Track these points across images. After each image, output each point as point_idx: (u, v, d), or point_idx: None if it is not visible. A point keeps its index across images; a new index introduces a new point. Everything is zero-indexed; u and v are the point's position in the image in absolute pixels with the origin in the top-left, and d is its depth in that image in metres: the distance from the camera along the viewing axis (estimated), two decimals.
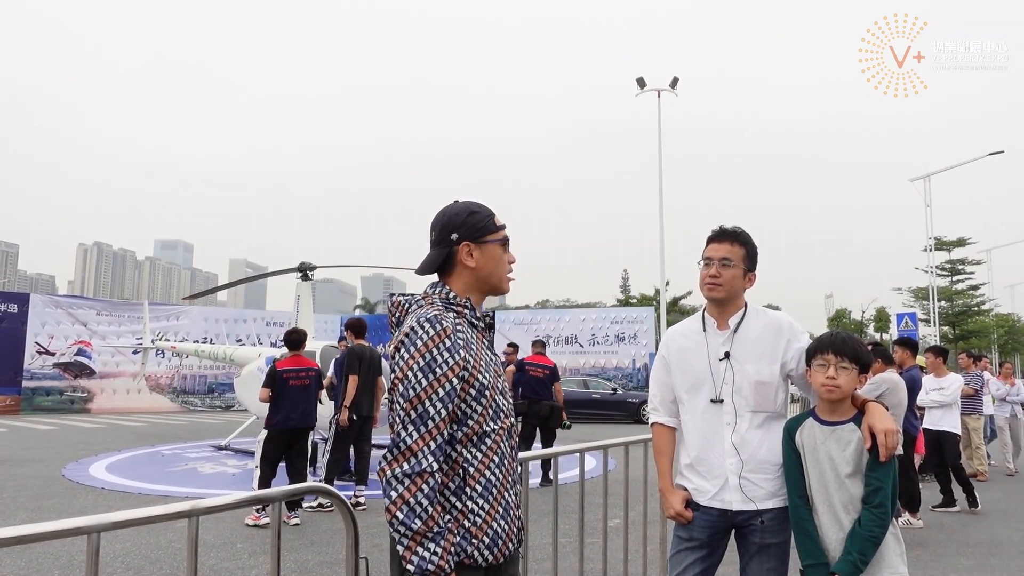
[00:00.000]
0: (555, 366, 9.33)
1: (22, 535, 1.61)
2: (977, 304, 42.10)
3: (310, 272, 12.16)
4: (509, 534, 1.75)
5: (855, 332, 45.14)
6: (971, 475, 8.89)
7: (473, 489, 1.69)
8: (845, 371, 2.26)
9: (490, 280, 1.84)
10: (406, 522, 1.57)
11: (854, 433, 2.24)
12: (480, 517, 1.69)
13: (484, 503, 1.70)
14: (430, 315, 1.69)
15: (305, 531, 6.19)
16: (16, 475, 9.06)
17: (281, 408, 6.66)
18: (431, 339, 1.65)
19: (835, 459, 2.24)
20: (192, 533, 1.96)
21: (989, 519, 6.98)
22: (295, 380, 6.75)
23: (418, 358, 1.64)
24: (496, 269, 1.84)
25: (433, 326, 1.67)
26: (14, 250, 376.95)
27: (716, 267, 2.44)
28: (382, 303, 72.48)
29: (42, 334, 21.91)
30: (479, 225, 1.81)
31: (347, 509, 2.30)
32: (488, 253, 1.82)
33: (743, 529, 2.38)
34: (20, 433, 15.18)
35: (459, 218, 1.82)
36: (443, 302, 1.78)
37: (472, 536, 1.67)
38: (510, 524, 1.75)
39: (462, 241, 1.80)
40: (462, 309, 1.79)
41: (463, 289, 1.83)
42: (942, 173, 27.62)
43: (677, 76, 24.69)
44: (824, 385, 2.28)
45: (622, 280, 62.18)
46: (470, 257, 1.81)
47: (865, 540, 2.16)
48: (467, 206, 1.85)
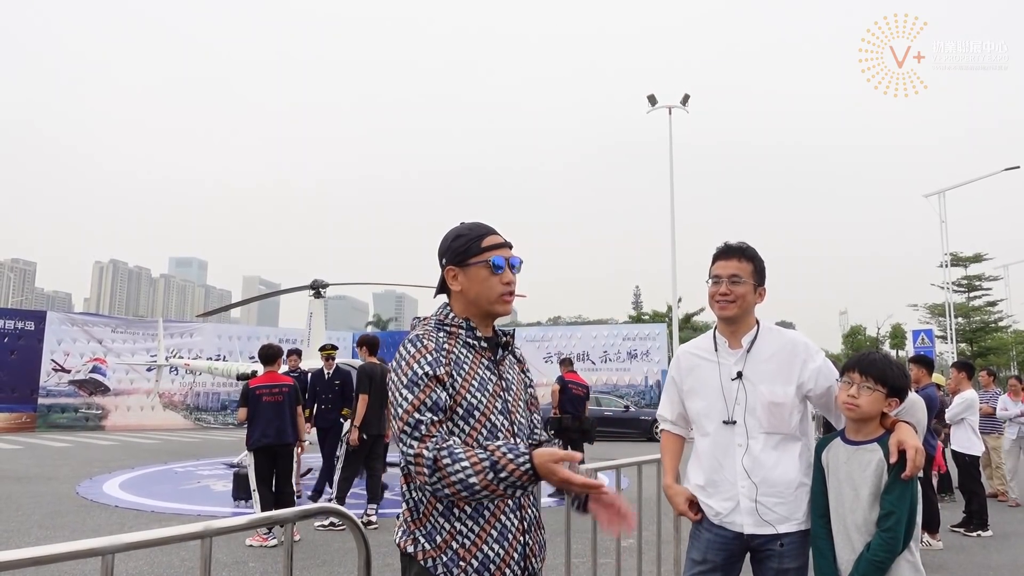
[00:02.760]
0: (587, 384, 10.21)
1: (38, 556, 1.61)
2: (995, 321, 41.62)
3: (323, 289, 12.25)
4: (506, 560, 1.70)
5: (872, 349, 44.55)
6: (991, 495, 8.72)
7: (462, 511, 1.69)
8: (868, 391, 2.25)
9: (479, 303, 1.83)
10: (475, 490, 1.55)
11: (876, 453, 2.23)
12: (469, 539, 1.68)
13: (474, 524, 1.69)
14: (412, 336, 1.77)
15: (317, 550, 6.17)
16: (31, 492, 9.12)
17: (257, 425, 6.60)
18: (411, 356, 1.71)
19: (855, 479, 2.23)
20: (205, 553, 1.97)
21: (1011, 541, 6.83)
22: (268, 396, 6.69)
23: (401, 376, 1.70)
24: (483, 291, 1.82)
25: (414, 344, 1.73)
26: (32, 268, 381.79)
27: (725, 285, 2.42)
28: (394, 320, 72.72)
29: (58, 351, 22.14)
30: (461, 249, 1.84)
31: (358, 528, 2.29)
32: (472, 276, 1.82)
33: (760, 553, 2.35)
34: (35, 450, 15.29)
35: (446, 243, 1.87)
36: (437, 324, 1.82)
37: (459, 559, 1.67)
38: (507, 549, 1.71)
39: (448, 265, 1.85)
40: (456, 329, 1.81)
41: (461, 310, 1.85)
42: (957, 188, 27.47)
43: (688, 93, 24.87)
44: (845, 403, 2.29)
45: (634, 296, 62.35)
46: (455, 280, 1.84)
47: (870, 564, 2.14)
48: (455, 230, 1.89)
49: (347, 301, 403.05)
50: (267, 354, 6.99)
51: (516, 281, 1.87)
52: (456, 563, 1.66)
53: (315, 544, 6.39)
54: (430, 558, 1.68)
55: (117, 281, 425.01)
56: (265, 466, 6.64)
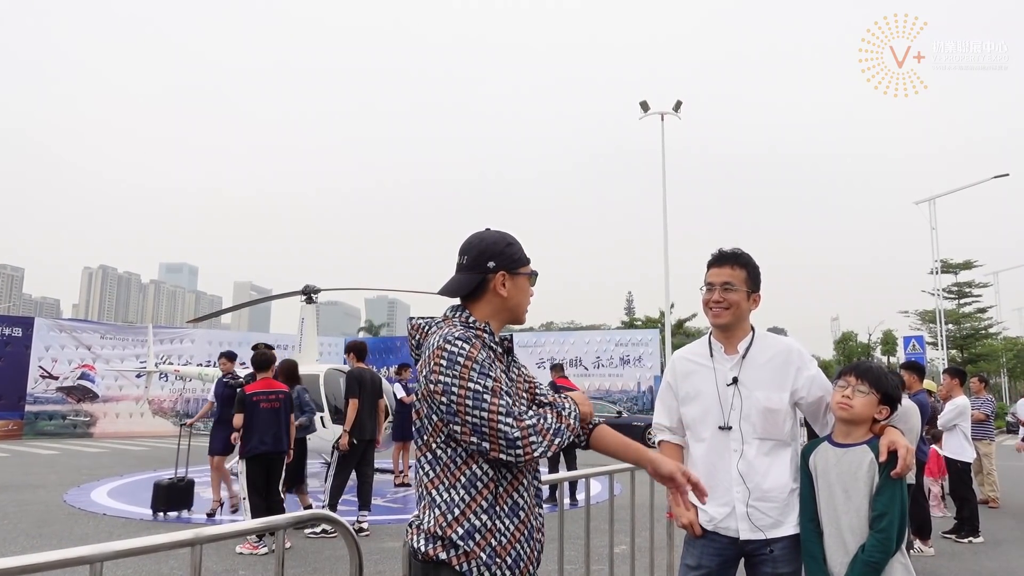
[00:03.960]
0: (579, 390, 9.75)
1: (25, 565, 1.59)
2: (985, 327, 41.85)
3: (314, 295, 12.20)
4: (531, 557, 1.76)
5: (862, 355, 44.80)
6: (982, 502, 8.75)
7: (502, 508, 1.71)
8: (862, 395, 2.31)
9: (516, 311, 1.89)
10: (563, 435, 1.74)
11: (866, 455, 2.25)
12: (506, 537, 1.70)
13: (510, 524, 1.71)
14: (458, 333, 1.73)
15: (308, 558, 6.12)
16: (18, 501, 9.01)
17: (254, 433, 6.49)
18: (471, 349, 1.70)
19: (845, 481, 2.25)
20: (195, 561, 1.95)
21: (1002, 547, 6.86)
22: (266, 403, 6.58)
23: (471, 366, 1.67)
24: (523, 300, 1.90)
25: (468, 341, 1.71)
26: (19, 274, 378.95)
27: (719, 292, 2.42)
28: (386, 325, 72.42)
29: (46, 358, 21.94)
30: (515, 256, 1.86)
31: (350, 535, 2.28)
32: (519, 284, 1.88)
33: (753, 559, 2.35)
34: (22, 458, 15.13)
35: (497, 247, 1.85)
36: (463, 325, 1.81)
37: (496, 555, 1.68)
38: (532, 548, 1.76)
39: (499, 270, 1.84)
40: (481, 333, 1.81)
41: (486, 315, 1.85)
42: (947, 196, 27.70)
43: (680, 99, 24.86)
44: (839, 403, 2.33)
45: (627, 302, 62.11)
46: (503, 287, 1.84)
47: (866, 565, 2.16)
48: (504, 236, 1.89)
49: (339, 307, 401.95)
50: (261, 360, 6.89)
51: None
52: (494, 559, 1.67)
53: (306, 552, 6.34)
54: (465, 560, 1.66)
55: (106, 287, 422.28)
56: (259, 474, 6.52)
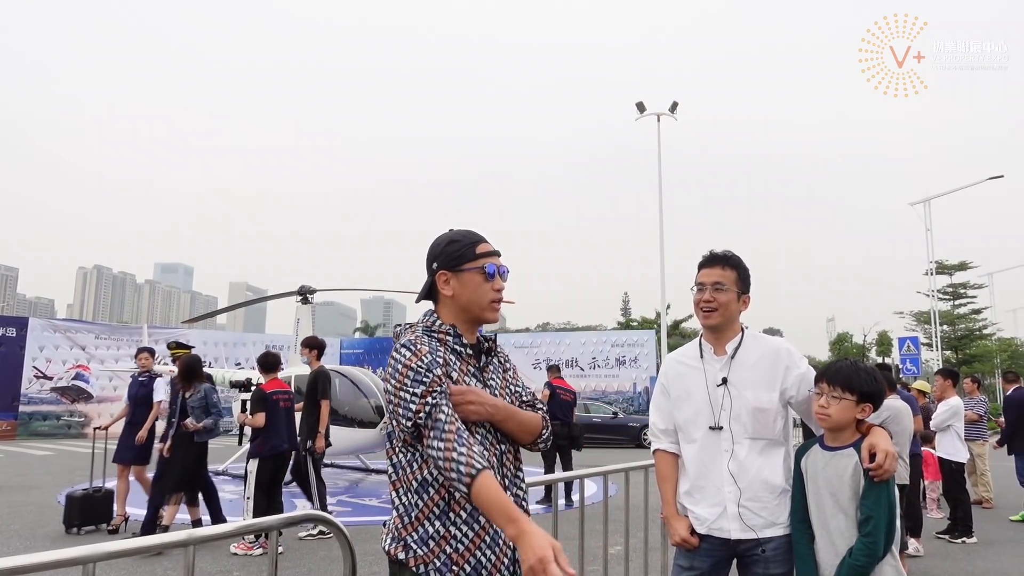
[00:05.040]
0: (575, 390, 10.23)
1: (19, 566, 1.60)
2: (979, 328, 42.00)
3: (310, 295, 12.19)
4: (497, 565, 1.70)
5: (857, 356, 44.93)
6: (976, 502, 8.78)
7: (457, 515, 1.68)
8: (836, 400, 2.29)
9: (470, 309, 1.84)
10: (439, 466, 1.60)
11: (851, 458, 2.26)
12: (463, 544, 1.67)
13: (468, 530, 1.68)
14: (405, 341, 1.75)
15: (302, 559, 6.11)
16: (12, 502, 8.99)
17: (275, 431, 6.58)
18: (411, 358, 1.69)
19: (833, 484, 2.27)
20: (188, 562, 1.95)
21: (995, 548, 6.88)
22: (284, 402, 6.78)
23: (403, 377, 1.67)
24: (474, 297, 1.83)
25: (408, 348, 1.72)
26: (13, 274, 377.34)
27: (709, 292, 2.44)
28: (382, 326, 72.31)
29: (40, 358, 21.85)
30: (456, 254, 1.83)
31: (344, 536, 2.28)
32: (465, 281, 1.82)
33: (745, 559, 2.36)
34: (16, 459, 15.07)
35: (438, 247, 1.86)
36: (425, 330, 1.82)
37: (452, 563, 1.65)
38: (499, 555, 1.71)
39: (440, 270, 1.84)
40: (444, 336, 1.81)
41: (450, 317, 1.84)
42: (942, 197, 27.77)
43: (676, 100, 24.78)
44: (817, 413, 2.34)
45: (623, 303, 62.12)
46: (447, 285, 1.83)
47: (852, 569, 2.17)
48: (449, 235, 1.88)
49: (335, 307, 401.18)
50: (269, 362, 7.08)
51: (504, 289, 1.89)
52: (449, 568, 1.64)
53: (300, 553, 6.34)
54: (422, 563, 1.66)
55: (101, 287, 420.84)
56: (271, 475, 6.56)
